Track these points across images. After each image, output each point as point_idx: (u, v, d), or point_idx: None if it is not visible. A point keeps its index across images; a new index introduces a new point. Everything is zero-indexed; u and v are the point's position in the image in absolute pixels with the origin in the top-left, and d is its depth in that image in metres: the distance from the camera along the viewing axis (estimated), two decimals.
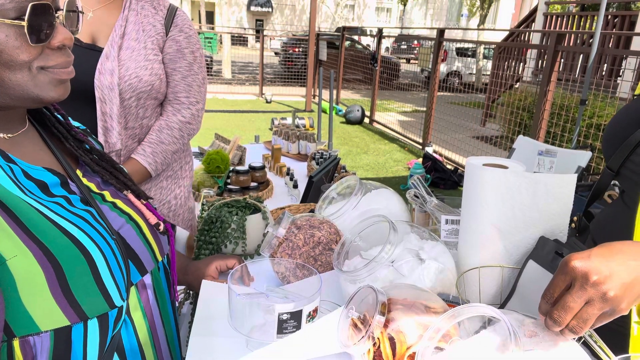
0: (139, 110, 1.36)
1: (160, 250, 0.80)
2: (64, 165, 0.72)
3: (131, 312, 0.72)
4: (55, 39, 0.63)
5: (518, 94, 5.96)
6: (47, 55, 0.63)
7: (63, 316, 0.60)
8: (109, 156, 0.81)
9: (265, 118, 7.92)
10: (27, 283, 0.58)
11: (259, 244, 1.35)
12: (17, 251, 0.57)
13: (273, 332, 0.76)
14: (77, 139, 0.77)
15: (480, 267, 0.91)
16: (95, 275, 0.63)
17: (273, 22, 30.21)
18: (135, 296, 0.73)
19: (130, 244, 0.72)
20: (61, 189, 0.68)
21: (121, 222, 0.73)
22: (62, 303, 0.60)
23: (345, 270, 0.94)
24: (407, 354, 0.67)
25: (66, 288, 0.60)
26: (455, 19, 32.11)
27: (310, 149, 2.70)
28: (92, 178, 0.76)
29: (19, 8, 0.59)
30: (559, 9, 10.54)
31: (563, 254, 0.81)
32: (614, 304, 0.60)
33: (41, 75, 0.63)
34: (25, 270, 0.57)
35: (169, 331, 0.82)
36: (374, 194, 1.23)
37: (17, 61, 0.60)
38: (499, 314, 0.61)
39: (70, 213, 0.65)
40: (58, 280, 0.60)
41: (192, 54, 1.42)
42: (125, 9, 1.33)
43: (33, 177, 0.64)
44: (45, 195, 0.65)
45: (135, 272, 0.72)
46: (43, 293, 0.59)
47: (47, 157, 0.71)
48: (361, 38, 12.90)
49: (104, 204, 0.74)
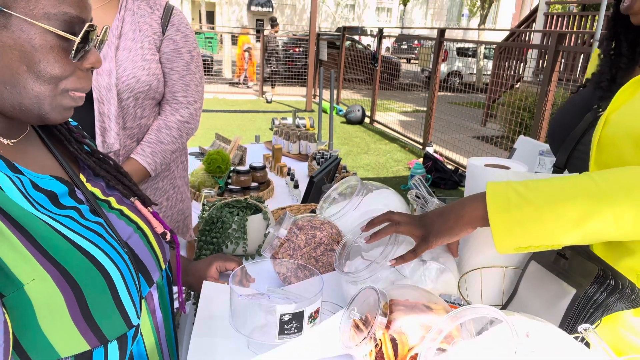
0: (137, 111, 1.36)
1: (163, 258, 0.79)
2: (67, 171, 0.70)
3: (141, 325, 0.70)
4: (87, 61, 0.63)
5: (519, 94, 5.96)
6: (78, 78, 0.62)
7: (84, 341, 0.58)
8: (112, 159, 0.79)
9: (266, 118, 7.91)
10: (46, 308, 0.55)
11: (260, 244, 1.35)
12: (34, 275, 0.54)
13: (274, 333, 0.76)
14: (78, 141, 0.74)
15: (482, 268, 0.91)
16: (114, 294, 0.61)
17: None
18: (145, 309, 0.71)
19: (138, 254, 0.70)
20: (70, 198, 0.66)
21: (129, 231, 0.71)
22: (82, 327, 0.58)
23: (346, 271, 0.94)
24: (409, 355, 0.67)
25: (86, 311, 0.58)
26: (455, 18, 32.09)
27: (311, 149, 2.70)
28: (96, 183, 0.74)
29: (65, 21, 0.58)
30: (559, 8, 10.53)
31: (565, 254, 0.80)
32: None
33: (61, 96, 0.61)
34: (44, 294, 0.55)
35: (169, 337, 0.81)
36: (375, 194, 1.23)
37: (50, 74, 0.59)
38: (501, 315, 0.60)
39: (83, 227, 0.63)
40: (78, 303, 0.57)
41: (189, 53, 1.42)
42: (122, 9, 1.33)
43: (42, 187, 0.62)
44: (56, 208, 0.62)
45: (144, 284, 0.71)
46: (63, 318, 0.56)
47: (51, 162, 0.69)
48: (362, 38, 12.89)
49: (110, 211, 0.72)
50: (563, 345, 0.62)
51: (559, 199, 0.69)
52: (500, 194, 0.72)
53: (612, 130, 0.84)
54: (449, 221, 0.78)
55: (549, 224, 0.68)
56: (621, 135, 0.81)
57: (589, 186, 0.69)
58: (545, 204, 0.69)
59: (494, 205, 0.71)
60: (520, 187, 0.72)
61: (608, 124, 0.85)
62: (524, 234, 0.70)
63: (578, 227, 0.68)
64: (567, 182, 0.71)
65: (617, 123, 0.83)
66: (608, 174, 0.70)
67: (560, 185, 0.71)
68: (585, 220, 0.67)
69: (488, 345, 0.62)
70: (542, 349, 0.62)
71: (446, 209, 0.80)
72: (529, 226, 0.69)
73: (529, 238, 0.70)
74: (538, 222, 0.69)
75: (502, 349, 0.61)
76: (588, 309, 0.73)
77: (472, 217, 0.76)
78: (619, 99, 0.85)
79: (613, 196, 0.67)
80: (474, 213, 0.75)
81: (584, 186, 0.69)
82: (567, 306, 0.76)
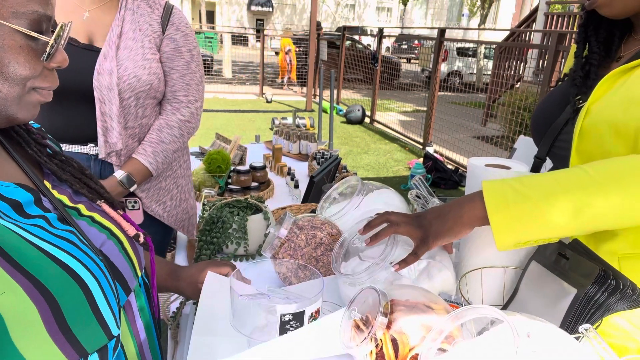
0: (138, 110, 1.36)
1: (139, 264, 0.74)
2: (32, 178, 0.64)
3: (122, 337, 0.65)
4: (54, 60, 0.60)
5: (519, 94, 5.95)
6: (44, 77, 0.60)
7: (62, 355, 0.52)
8: (75, 160, 0.74)
9: (266, 118, 7.91)
10: (18, 322, 0.50)
11: (260, 244, 1.35)
12: (4, 287, 0.49)
13: (275, 333, 0.76)
14: (39, 143, 0.69)
15: (482, 268, 0.91)
16: (92, 304, 0.56)
17: (274, 21, 30.20)
18: (124, 319, 0.67)
19: (114, 262, 0.66)
20: (35, 207, 0.60)
21: (102, 238, 0.67)
22: (59, 341, 0.52)
23: (344, 272, 0.93)
24: (410, 355, 0.67)
25: (63, 323, 0.53)
26: (456, 18, 32.09)
27: (311, 148, 2.70)
28: (62, 190, 0.69)
29: (34, 20, 0.56)
30: (559, 8, 10.52)
31: (566, 254, 0.80)
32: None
33: (29, 95, 0.59)
34: (16, 307, 0.50)
35: (152, 345, 0.76)
36: (376, 194, 1.23)
37: (20, 75, 0.56)
38: (502, 315, 0.60)
39: (53, 236, 0.58)
40: (54, 315, 0.52)
41: (190, 52, 1.42)
42: (122, 9, 1.33)
43: (4, 196, 0.57)
44: (21, 217, 0.57)
45: (122, 292, 0.66)
46: (38, 331, 0.51)
47: (12, 169, 0.63)
48: (362, 38, 12.89)
49: (80, 219, 0.67)
50: (564, 346, 0.62)
51: (555, 192, 0.71)
52: (497, 192, 0.73)
53: (593, 120, 0.87)
54: (448, 222, 0.79)
55: (548, 218, 0.70)
56: (601, 124, 0.85)
57: (582, 178, 0.71)
58: (542, 198, 0.71)
59: (492, 203, 0.73)
60: (515, 184, 0.73)
61: (589, 114, 0.88)
62: (524, 230, 0.72)
63: (576, 219, 0.70)
64: (560, 176, 0.73)
65: (598, 113, 0.86)
66: (599, 165, 0.72)
67: (554, 179, 0.73)
68: (582, 211, 0.69)
69: (489, 346, 0.62)
70: (543, 349, 0.62)
71: (444, 209, 0.81)
72: (528, 221, 0.71)
73: (528, 233, 0.72)
74: (537, 217, 0.71)
75: (503, 349, 0.61)
76: (589, 309, 0.73)
77: (471, 217, 0.77)
78: (599, 90, 0.88)
79: (607, 186, 0.69)
80: (473, 213, 0.76)
81: (577, 178, 0.71)
82: (568, 306, 0.76)
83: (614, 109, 0.83)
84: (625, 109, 0.81)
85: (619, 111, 0.82)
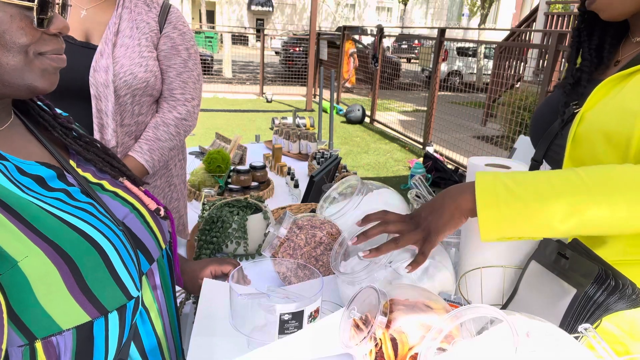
0: (134, 107, 1.36)
1: (163, 237, 0.79)
2: (56, 157, 0.70)
3: (145, 301, 0.71)
4: (54, 25, 0.63)
5: (519, 94, 5.95)
6: (44, 41, 0.62)
7: (83, 312, 0.60)
8: (98, 141, 0.80)
9: (266, 117, 7.91)
10: (42, 283, 0.56)
11: (260, 243, 1.35)
12: (27, 252, 0.56)
13: (274, 333, 0.76)
14: (65, 127, 0.74)
15: (482, 268, 0.91)
16: (110, 267, 0.62)
17: (274, 21, 30.21)
18: (147, 286, 0.72)
19: (136, 233, 0.71)
20: (59, 181, 0.66)
21: (125, 211, 0.72)
22: (80, 299, 0.59)
23: (343, 271, 0.93)
24: (409, 354, 0.67)
25: (82, 283, 0.59)
26: (456, 18, 32.09)
27: (311, 148, 2.70)
28: (86, 168, 0.74)
29: None
30: (560, 8, 10.52)
31: (566, 254, 0.80)
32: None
33: (37, 60, 0.62)
34: (39, 270, 0.56)
35: (171, 314, 0.82)
36: (376, 194, 1.23)
37: (18, 43, 0.59)
38: (501, 314, 0.60)
39: (72, 207, 0.64)
40: (74, 276, 0.58)
41: (187, 50, 1.42)
42: (119, 7, 1.33)
43: (28, 172, 0.63)
44: (44, 190, 0.63)
45: (144, 261, 0.72)
46: (60, 291, 0.58)
47: (38, 150, 0.69)
48: (362, 37, 12.88)
49: (104, 193, 0.72)
50: (563, 345, 0.62)
51: (547, 195, 0.71)
52: (489, 189, 0.73)
53: (586, 127, 0.87)
54: (444, 215, 0.79)
55: (536, 220, 0.71)
56: (595, 133, 0.85)
57: (576, 183, 0.71)
58: (533, 200, 0.71)
59: (483, 200, 0.73)
60: (508, 181, 0.73)
61: (583, 121, 0.88)
62: (511, 228, 0.72)
63: (564, 223, 0.70)
64: (554, 178, 0.73)
65: (591, 120, 0.86)
66: (594, 173, 0.72)
67: (547, 181, 0.73)
68: (572, 217, 0.70)
69: (488, 345, 0.62)
70: (543, 349, 0.62)
71: (436, 203, 0.81)
72: (516, 221, 0.72)
73: (515, 231, 0.73)
74: (525, 218, 0.71)
75: (502, 349, 0.61)
76: (588, 309, 0.73)
77: (462, 209, 0.78)
78: (594, 97, 0.88)
79: (599, 195, 0.70)
80: (464, 205, 0.77)
81: (570, 183, 0.71)
82: (568, 306, 0.76)
83: (607, 118, 0.83)
84: (619, 118, 0.81)
85: (613, 120, 0.82)
